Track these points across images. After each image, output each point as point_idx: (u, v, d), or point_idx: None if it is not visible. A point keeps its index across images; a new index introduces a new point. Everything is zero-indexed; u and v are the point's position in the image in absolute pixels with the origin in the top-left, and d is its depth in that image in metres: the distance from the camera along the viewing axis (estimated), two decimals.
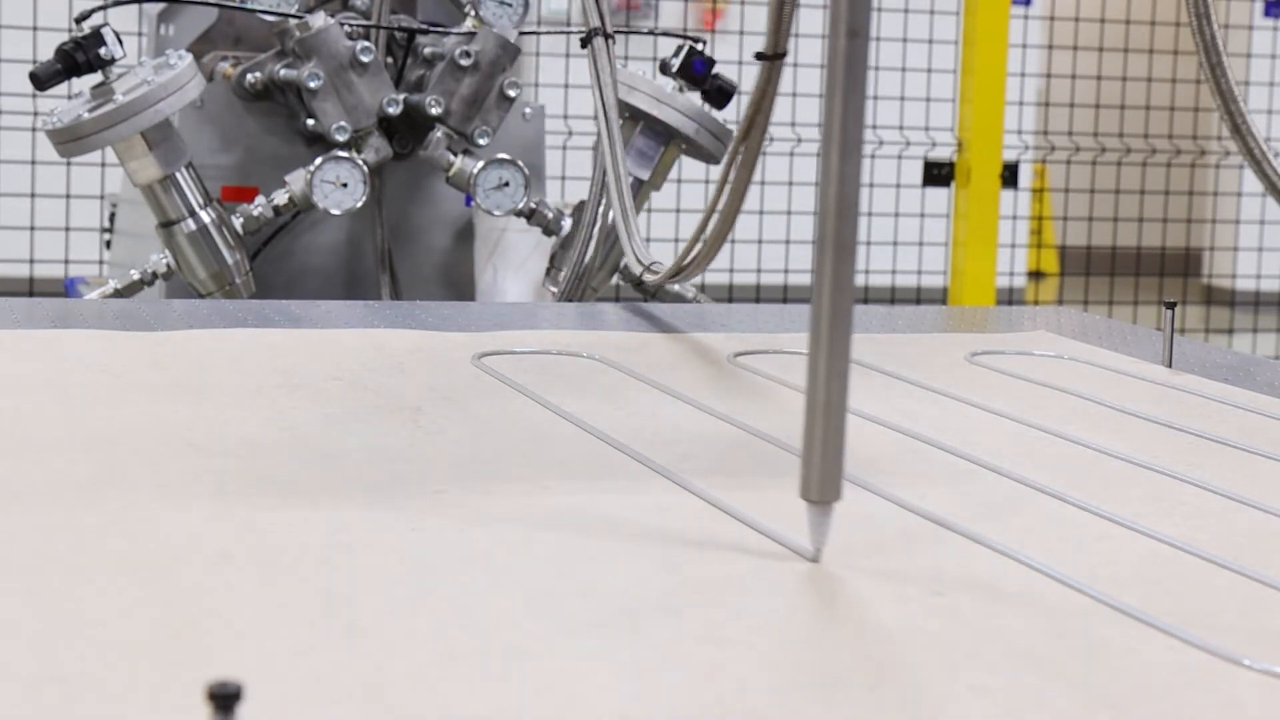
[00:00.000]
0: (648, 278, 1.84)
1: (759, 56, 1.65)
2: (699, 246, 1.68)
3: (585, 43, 1.91)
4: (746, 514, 1.10)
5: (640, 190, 2.93)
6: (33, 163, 4.18)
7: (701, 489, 1.16)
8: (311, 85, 2.84)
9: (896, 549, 1.05)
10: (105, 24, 2.71)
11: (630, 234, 1.91)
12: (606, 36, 1.87)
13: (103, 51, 2.67)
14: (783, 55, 1.61)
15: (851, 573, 0.99)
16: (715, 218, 1.67)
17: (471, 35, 2.94)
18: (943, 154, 4.41)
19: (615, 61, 1.88)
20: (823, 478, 0.98)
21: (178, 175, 2.76)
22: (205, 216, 2.79)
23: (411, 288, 3.08)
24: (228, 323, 1.74)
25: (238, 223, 2.84)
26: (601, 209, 2.70)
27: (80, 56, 2.67)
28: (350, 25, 2.93)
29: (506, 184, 2.91)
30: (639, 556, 1.00)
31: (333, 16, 2.94)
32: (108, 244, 3.63)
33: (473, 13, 2.96)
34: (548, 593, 0.93)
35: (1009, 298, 5.50)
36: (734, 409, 1.43)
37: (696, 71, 2.90)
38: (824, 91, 0.97)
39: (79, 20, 2.73)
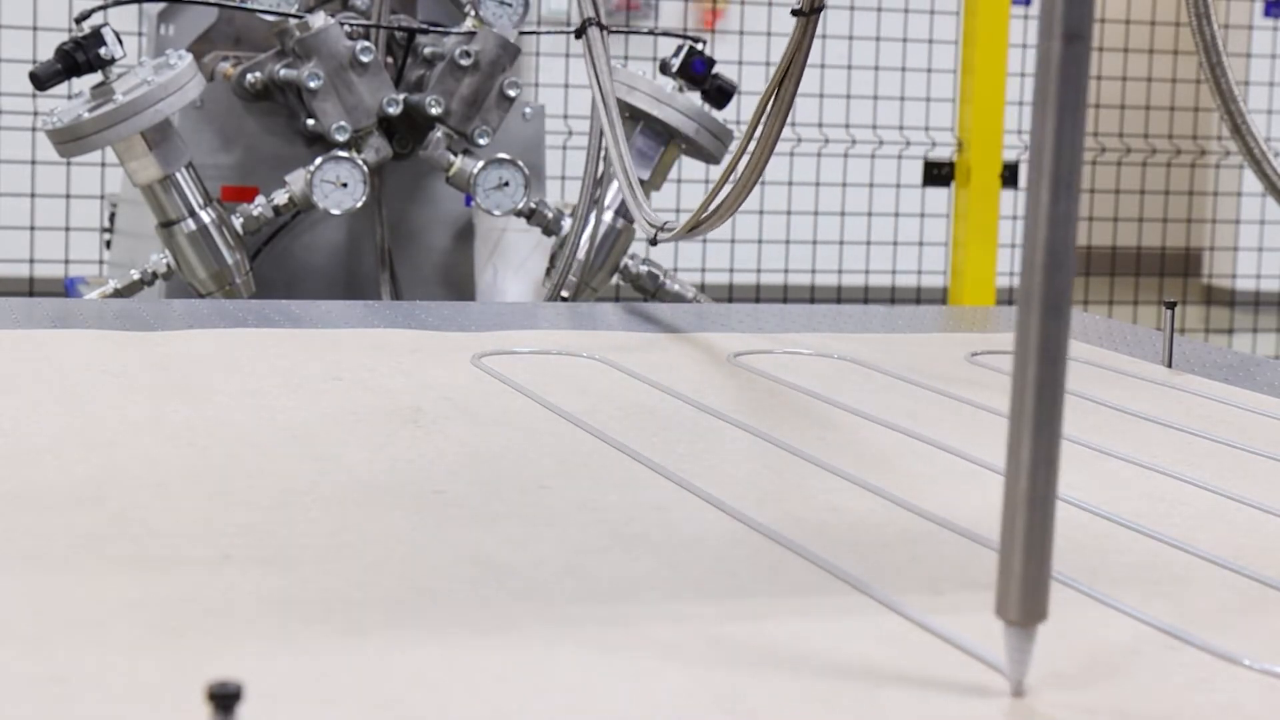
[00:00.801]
0: (661, 237, 1.84)
1: (795, 13, 1.65)
2: (722, 197, 1.68)
3: (579, 33, 1.91)
4: (744, 512, 1.10)
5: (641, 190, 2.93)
6: (33, 163, 4.18)
7: (699, 487, 1.16)
8: (311, 85, 2.84)
9: (896, 549, 1.05)
10: (105, 24, 2.71)
11: (637, 202, 1.90)
12: (601, 26, 1.87)
13: (103, 51, 2.67)
14: (820, 9, 1.61)
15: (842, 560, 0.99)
16: (741, 173, 1.66)
17: (471, 35, 2.94)
18: (943, 154, 4.41)
19: (610, 50, 1.88)
20: (1025, 593, 0.81)
21: (178, 175, 2.76)
22: (205, 216, 2.79)
23: (411, 288, 3.08)
24: (228, 323, 1.74)
25: (238, 223, 2.84)
26: (594, 209, 2.70)
27: (80, 56, 2.67)
28: (350, 25, 2.93)
29: (506, 184, 2.91)
30: (639, 556, 1.00)
31: (333, 16, 2.94)
32: (108, 244, 3.63)
33: (473, 13, 2.96)
34: (548, 592, 0.93)
35: (1009, 298, 5.49)
36: (734, 409, 1.43)
37: (696, 71, 2.90)
38: (1034, 111, 0.79)
39: (79, 20, 2.73)
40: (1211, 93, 1.93)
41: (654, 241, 1.87)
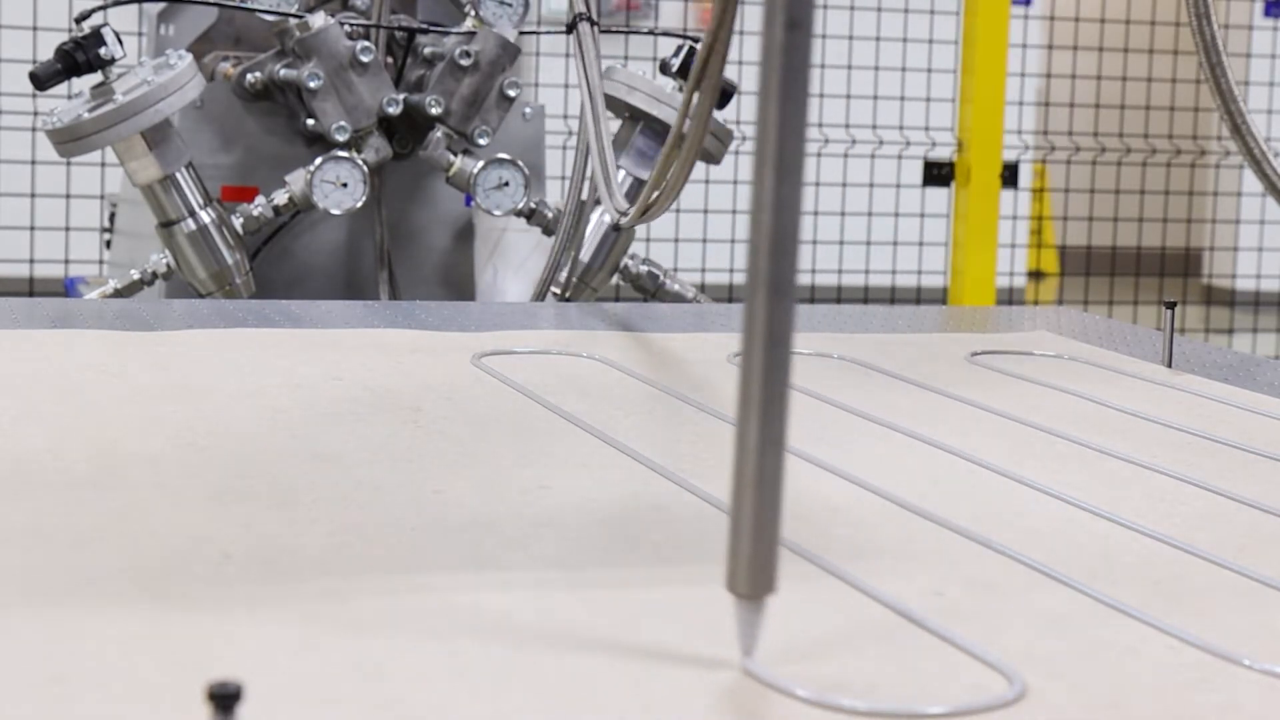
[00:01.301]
0: (622, 221, 1.86)
1: None
2: (664, 184, 1.70)
3: (570, 28, 1.91)
4: None
5: (640, 190, 2.93)
6: (33, 163, 4.18)
7: (698, 487, 1.16)
8: (311, 85, 2.84)
9: (895, 550, 1.05)
10: (105, 24, 2.71)
11: (609, 186, 1.90)
12: (591, 22, 1.87)
13: (103, 51, 2.67)
14: None
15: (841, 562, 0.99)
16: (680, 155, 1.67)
17: (471, 35, 2.94)
18: (943, 154, 4.41)
19: (600, 46, 1.89)
20: (754, 568, 0.82)
21: (178, 175, 2.76)
22: (205, 216, 2.79)
23: (411, 288, 3.08)
24: (228, 323, 1.74)
25: (238, 223, 2.84)
26: (592, 210, 2.70)
27: (80, 56, 2.67)
28: (350, 25, 2.93)
29: (506, 184, 2.91)
30: (639, 556, 1.00)
31: (333, 16, 2.94)
32: (108, 244, 3.63)
33: (473, 13, 2.96)
34: (548, 592, 0.93)
35: (1009, 298, 5.49)
36: (734, 409, 1.43)
37: None
38: (759, 98, 0.81)
39: (79, 20, 2.73)
40: (1211, 93, 1.93)
41: (617, 226, 1.88)
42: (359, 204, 2.85)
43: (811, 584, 0.97)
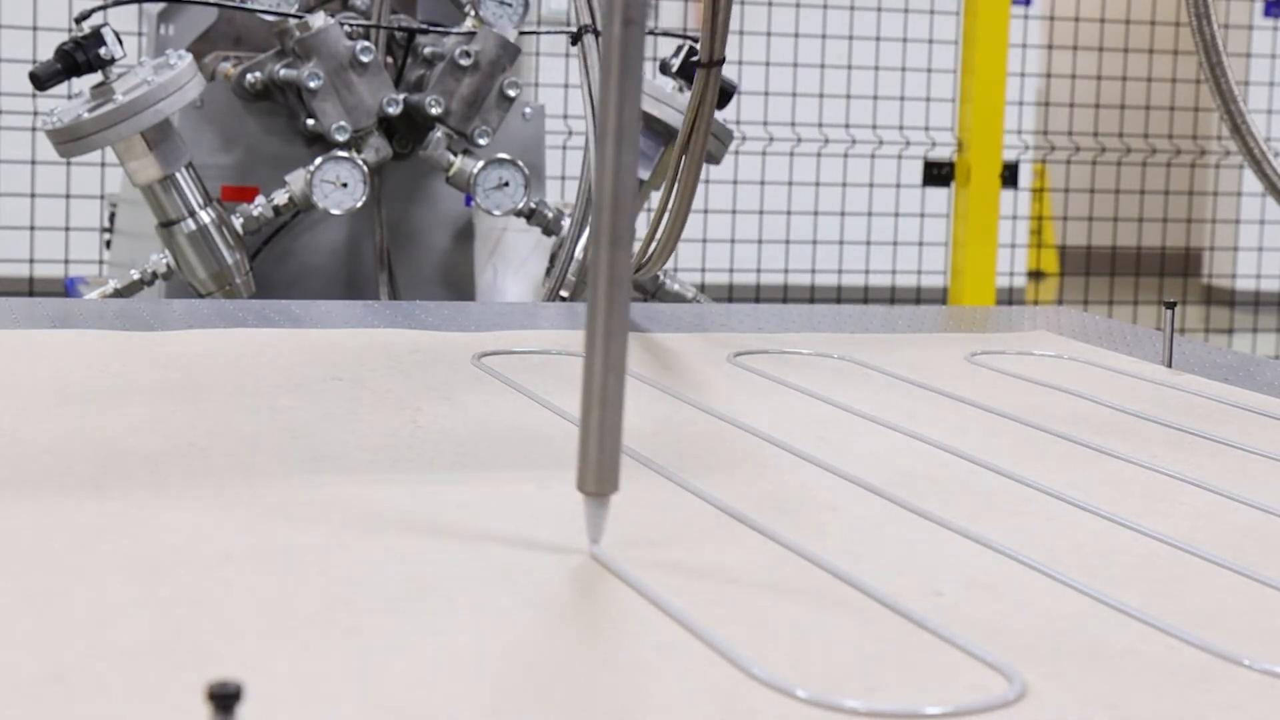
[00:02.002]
0: (569, 281, 1.86)
1: (697, 65, 1.67)
2: (653, 246, 1.71)
3: (575, 39, 1.91)
4: (744, 512, 1.10)
5: (640, 190, 2.94)
6: (33, 163, 4.18)
7: (699, 487, 1.16)
8: (311, 85, 2.84)
9: (895, 549, 1.05)
10: (105, 24, 2.71)
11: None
12: (597, 34, 1.87)
13: (103, 51, 2.67)
14: (720, 62, 1.63)
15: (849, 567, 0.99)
16: (666, 221, 1.70)
17: (471, 35, 2.94)
18: (943, 154, 4.41)
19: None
20: (600, 469, 0.99)
21: (178, 175, 2.76)
22: (205, 216, 2.79)
23: (411, 288, 3.08)
24: (228, 323, 1.74)
25: (238, 223, 2.84)
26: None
27: (80, 56, 2.67)
28: (350, 25, 2.93)
29: (506, 184, 2.91)
30: (638, 556, 1.00)
31: (333, 16, 2.94)
32: (108, 244, 3.63)
33: (473, 13, 2.96)
34: (548, 592, 0.93)
35: (1009, 298, 5.50)
36: (733, 409, 1.43)
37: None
38: (600, 81, 0.98)
39: (79, 20, 2.73)
40: (1211, 93, 1.93)
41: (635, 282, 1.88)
42: (359, 204, 2.85)
43: (811, 584, 0.97)
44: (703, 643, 0.86)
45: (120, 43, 2.70)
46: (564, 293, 2.86)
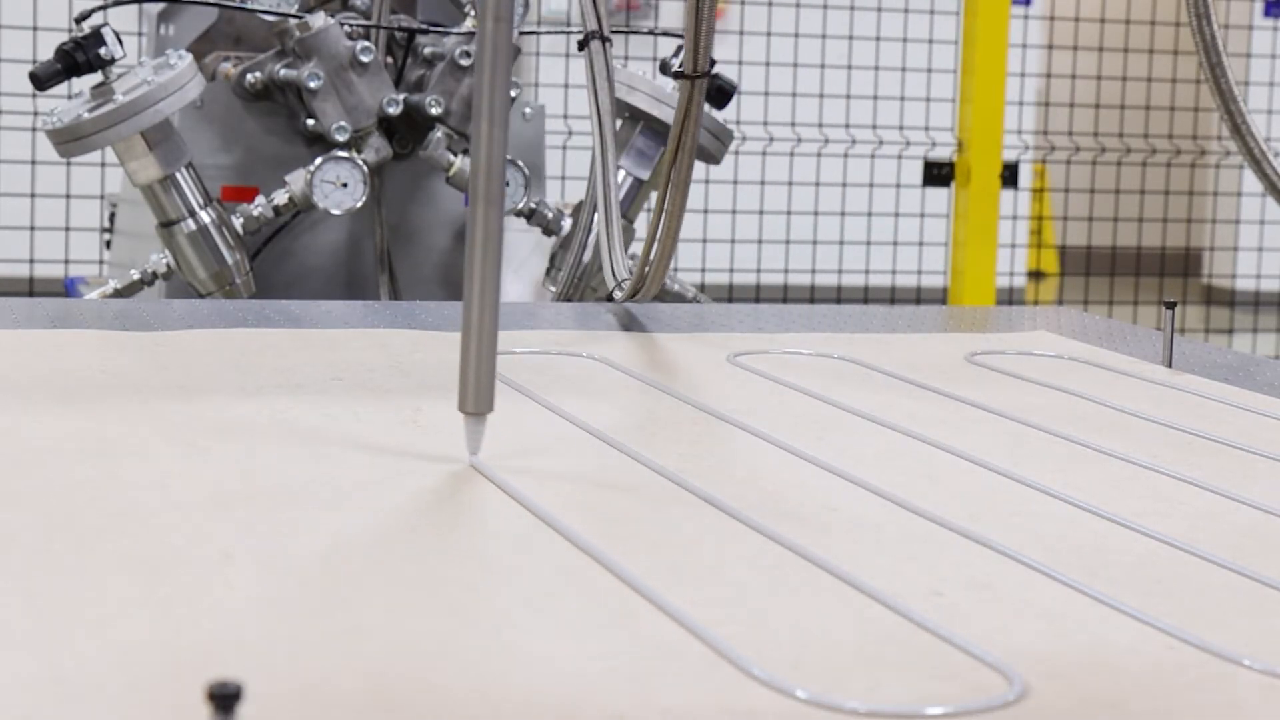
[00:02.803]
0: (616, 294, 1.87)
1: (677, 75, 1.66)
2: (649, 266, 1.72)
3: (582, 45, 1.91)
4: (744, 512, 1.10)
5: (640, 190, 2.94)
6: (33, 163, 4.18)
7: (699, 488, 1.16)
8: (311, 85, 2.84)
9: (895, 549, 1.05)
10: (105, 24, 2.71)
11: (612, 247, 1.90)
12: (604, 40, 1.86)
13: (103, 51, 2.67)
14: (705, 74, 1.62)
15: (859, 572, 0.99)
16: (659, 240, 1.71)
17: (471, 35, 2.94)
18: (943, 154, 4.41)
19: (613, 66, 1.88)
20: (477, 392, 1.20)
21: (178, 175, 2.76)
22: (205, 216, 2.79)
23: (411, 288, 3.08)
24: (228, 323, 1.74)
25: (238, 223, 2.84)
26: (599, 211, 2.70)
27: (80, 56, 2.67)
28: (350, 25, 2.93)
29: (506, 184, 2.91)
30: (638, 556, 1.00)
31: (333, 16, 2.94)
32: (108, 244, 3.63)
33: (473, 13, 2.96)
34: (548, 592, 0.93)
35: (1009, 298, 5.50)
36: (734, 409, 1.43)
37: None
38: (475, 66, 1.20)
39: (79, 20, 2.73)
40: (1211, 93, 1.93)
41: (610, 297, 1.88)
42: (359, 204, 2.86)
43: (811, 584, 0.97)
44: (703, 643, 0.86)
45: (120, 43, 2.70)
46: (553, 288, 2.86)
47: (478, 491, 1.14)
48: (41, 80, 2.68)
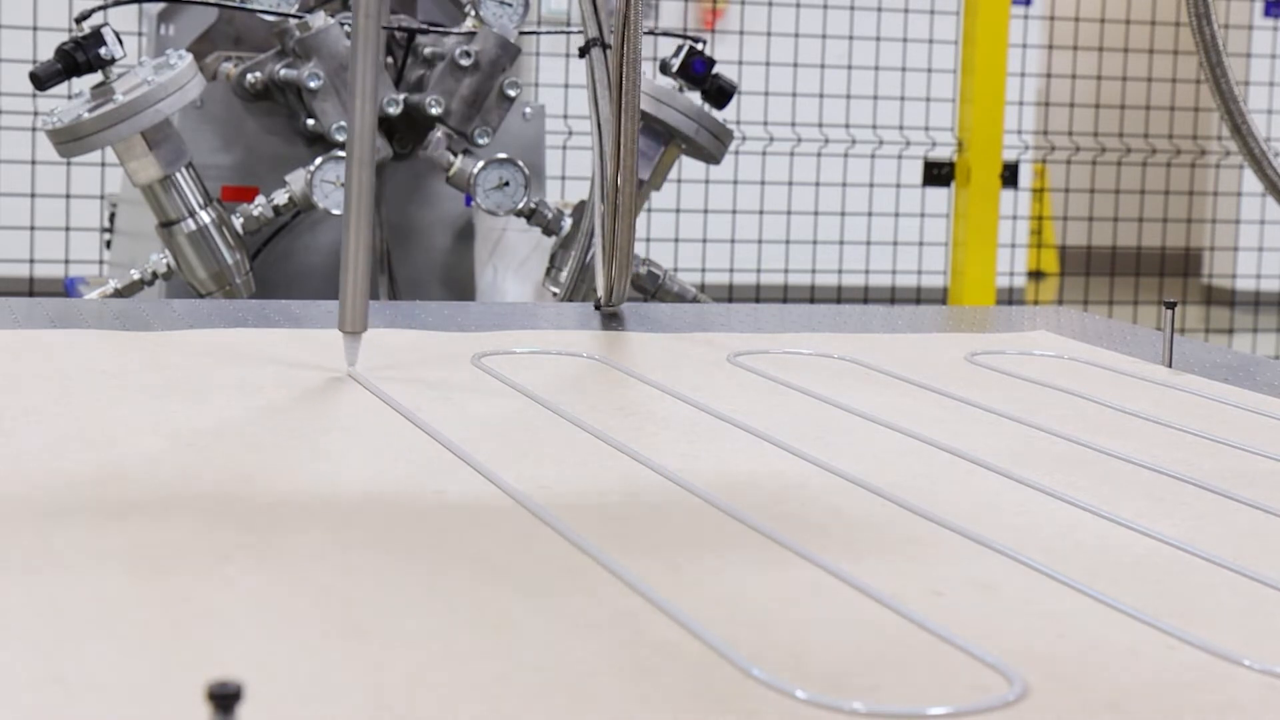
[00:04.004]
0: (604, 308, 1.88)
1: (584, 49, 1.73)
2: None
3: (584, 52, 1.91)
4: (744, 513, 1.10)
5: (640, 190, 2.94)
6: (33, 163, 4.18)
7: (699, 488, 1.16)
8: (311, 85, 2.84)
9: (895, 549, 1.05)
10: (105, 24, 2.72)
11: (608, 259, 1.90)
12: (605, 47, 1.86)
13: (103, 51, 2.67)
14: (599, 43, 1.68)
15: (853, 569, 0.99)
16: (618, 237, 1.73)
17: (471, 35, 2.94)
18: (943, 154, 4.41)
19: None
20: (353, 314, 1.50)
21: (178, 175, 2.76)
22: (205, 216, 2.80)
23: (411, 288, 3.08)
24: (228, 323, 1.74)
25: (238, 223, 2.84)
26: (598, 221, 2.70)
27: (80, 56, 2.67)
28: (350, 25, 2.93)
29: (506, 184, 2.91)
30: (638, 556, 1.00)
31: (333, 16, 2.94)
32: (108, 244, 3.63)
33: (473, 13, 2.96)
34: (548, 593, 0.93)
35: (1009, 298, 5.49)
36: (734, 409, 1.43)
37: (696, 71, 2.90)
38: (351, 53, 1.50)
39: (79, 20, 2.73)
40: (1211, 93, 1.93)
41: (598, 306, 1.88)
42: None
43: (811, 584, 0.97)
44: (703, 643, 0.86)
45: (120, 43, 2.70)
46: (554, 289, 2.86)
47: (478, 492, 1.14)
48: (41, 80, 2.68)
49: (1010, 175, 4.33)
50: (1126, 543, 1.09)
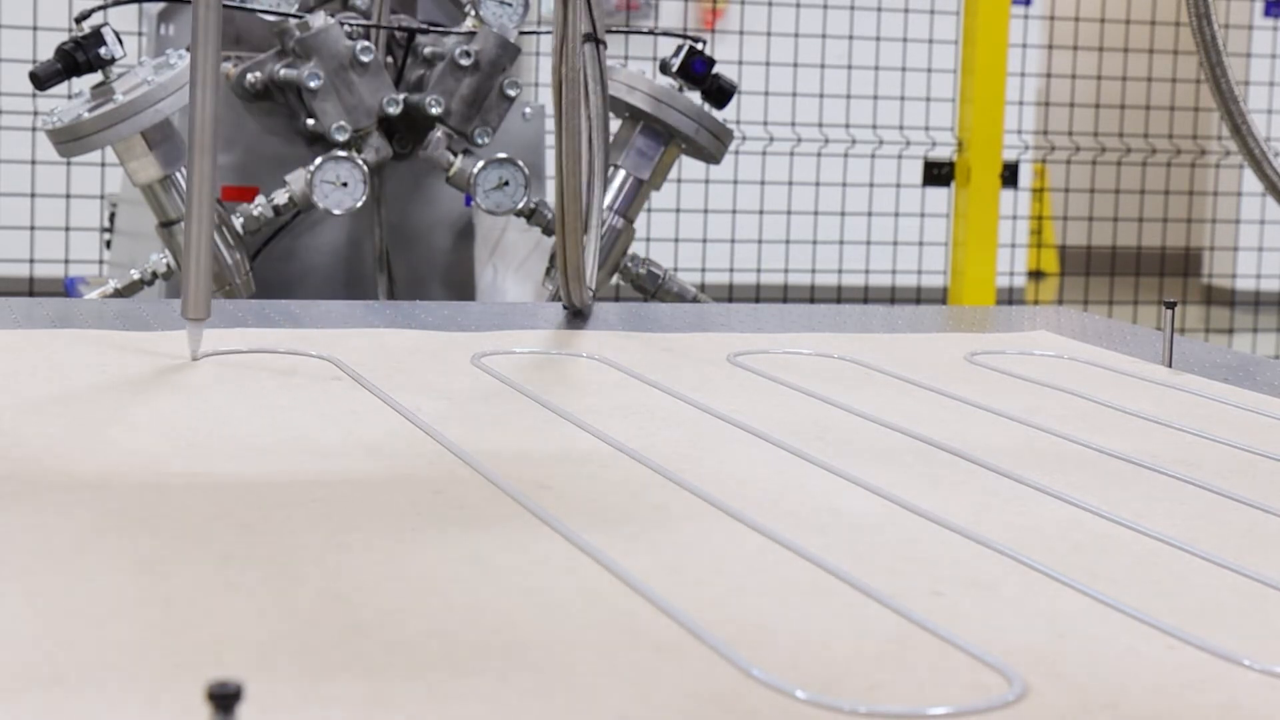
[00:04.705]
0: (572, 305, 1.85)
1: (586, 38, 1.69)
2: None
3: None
4: (744, 513, 1.10)
5: (640, 190, 2.94)
6: (33, 163, 4.18)
7: (699, 488, 1.16)
8: (311, 85, 2.84)
9: (895, 549, 1.05)
10: (105, 24, 2.71)
11: (585, 255, 1.85)
12: (598, 43, 1.86)
13: (103, 51, 2.67)
14: (592, 39, 1.65)
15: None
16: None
17: (471, 35, 2.94)
18: (943, 154, 4.41)
19: (606, 69, 1.87)
20: (196, 300, 1.50)
21: (178, 175, 2.76)
22: None
23: (411, 288, 3.08)
24: (228, 323, 1.74)
25: (238, 223, 2.84)
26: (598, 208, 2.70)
27: (80, 56, 2.67)
28: (350, 25, 2.93)
29: (506, 184, 2.91)
30: (639, 556, 1.00)
31: (333, 16, 2.94)
32: (108, 244, 3.63)
33: (473, 13, 2.96)
34: (548, 593, 0.93)
35: (1009, 298, 5.49)
36: (734, 409, 1.43)
37: (696, 71, 2.90)
38: (192, 44, 1.50)
39: (79, 20, 2.73)
40: (1211, 93, 1.93)
41: (577, 313, 1.86)
42: (359, 204, 2.85)
43: (811, 584, 0.97)
44: (703, 643, 0.86)
45: (120, 43, 2.70)
46: (551, 286, 2.86)
47: (478, 492, 1.14)
48: (41, 80, 2.68)
49: (1010, 175, 4.33)
50: (1126, 543, 1.09)
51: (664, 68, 2.91)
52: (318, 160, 2.83)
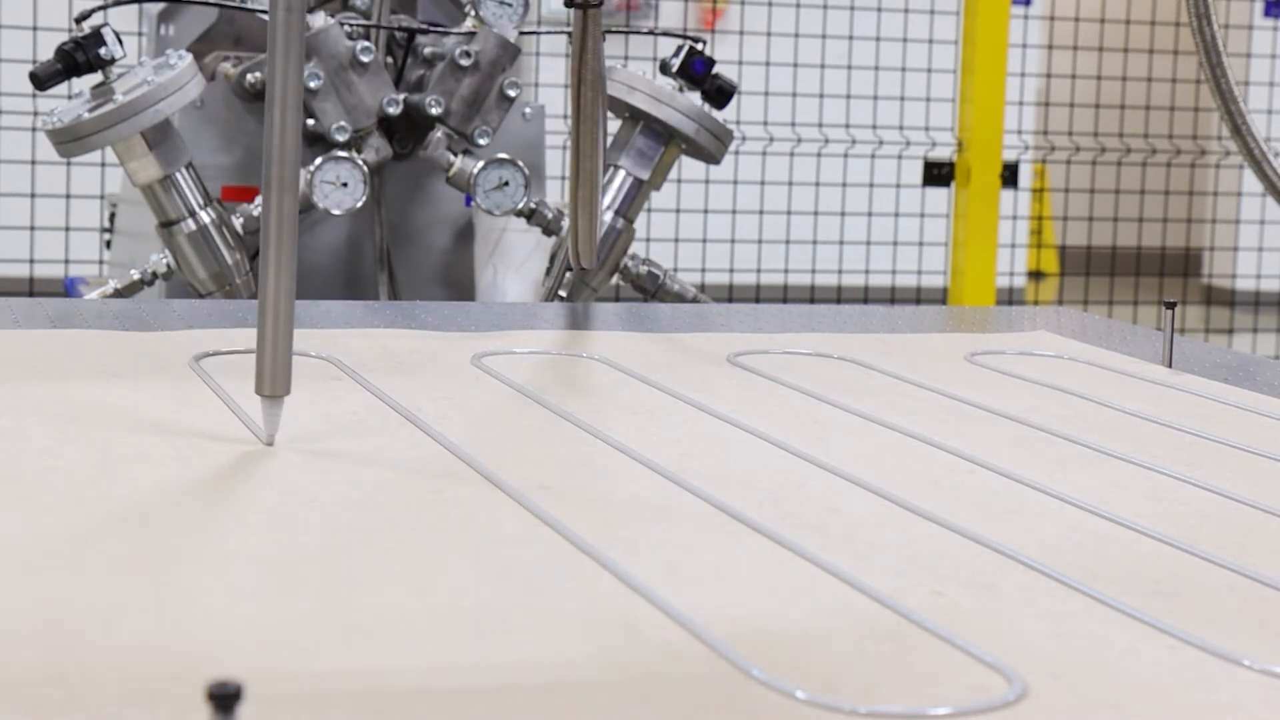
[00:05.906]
0: (567, 280, 1.83)
1: (568, 4, 1.61)
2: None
3: (570, 2, 1.87)
4: (744, 513, 1.10)
5: (640, 190, 2.94)
6: (33, 163, 4.18)
7: (699, 488, 1.16)
8: (311, 85, 2.84)
9: (895, 549, 1.05)
10: (105, 24, 2.71)
11: (594, 221, 1.83)
12: (591, 5, 1.82)
13: (103, 51, 2.67)
14: (591, 4, 1.58)
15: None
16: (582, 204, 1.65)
17: (471, 35, 2.94)
18: (943, 154, 4.41)
19: (600, 33, 1.81)
20: (274, 376, 1.23)
21: (178, 175, 2.76)
22: (205, 216, 2.79)
23: (411, 288, 3.08)
24: (228, 323, 1.74)
25: (238, 223, 2.84)
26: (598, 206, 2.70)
27: (80, 56, 2.67)
28: (350, 25, 2.93)
29: (506, 184, 2.91)
30: (639, 556, 1.00)
31: (333, 16, 2.94)
32: (108, 244, 3.63)
33: (473, 13, 2.96)
34: (549, 593, 0.93)
35: (1009, 298, 5.49)
36: (734, 409, 1.43)
37: (696, 71, 2.90)
38: (268, 57, 1.22)
39: (79, 20, 2.73)
40: (1211, 93, 1.93)
41: (560, 298, 1.84)
42: (359, 204, 2.85)
43: (811, 584, 0.97)
44: (702, 643, 0.86)
45: (120, 43, 2.70)
46: (562, 292, 2.86)
47: (478, 492, 1.14)
48: (41, 80, 2.68)
49: (1010, 175, 4.33)
50: (1126, 543, 1.09)
51: (664, 68, 2.91)
52: (318, 160, 2.83)
